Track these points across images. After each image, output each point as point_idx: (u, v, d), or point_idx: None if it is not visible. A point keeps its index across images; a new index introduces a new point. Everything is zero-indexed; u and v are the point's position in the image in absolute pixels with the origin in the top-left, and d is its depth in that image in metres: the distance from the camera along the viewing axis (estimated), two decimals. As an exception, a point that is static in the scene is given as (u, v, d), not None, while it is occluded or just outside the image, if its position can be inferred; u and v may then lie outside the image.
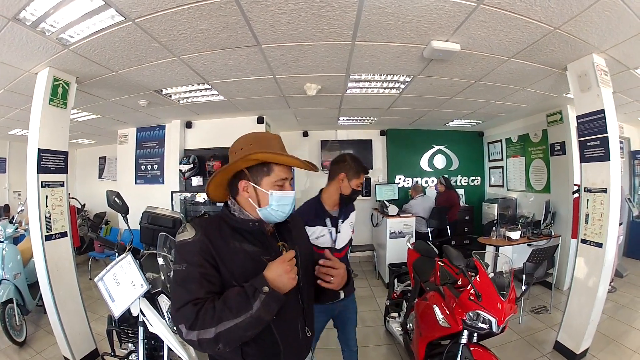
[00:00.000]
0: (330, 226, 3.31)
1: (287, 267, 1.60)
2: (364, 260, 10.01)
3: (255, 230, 1.80)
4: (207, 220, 1.82)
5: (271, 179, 1.82)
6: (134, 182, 8.84)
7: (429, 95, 6.39)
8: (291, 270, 1.62)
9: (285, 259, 1.63)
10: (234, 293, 1.55)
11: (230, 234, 1.77)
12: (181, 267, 1.64)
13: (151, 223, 4.73)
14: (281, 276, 1.58)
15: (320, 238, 3.25)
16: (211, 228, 1.75)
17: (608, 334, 5.07)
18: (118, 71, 4.68)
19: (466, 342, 3.24)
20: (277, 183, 1.82)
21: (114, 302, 3.09)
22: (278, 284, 1.56)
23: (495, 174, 10.51)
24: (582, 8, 3.29)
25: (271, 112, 7.73)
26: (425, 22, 3.56)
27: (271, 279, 1.56)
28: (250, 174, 1.82)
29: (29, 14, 3.22)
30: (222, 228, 1.79)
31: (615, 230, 4.36)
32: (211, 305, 1.51)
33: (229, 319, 1.47)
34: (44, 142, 4.40)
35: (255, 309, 1.48)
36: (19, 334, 5.10)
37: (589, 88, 4.44)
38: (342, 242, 3.41)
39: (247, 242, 1.77)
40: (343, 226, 3.41)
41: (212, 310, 1.49)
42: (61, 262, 4.56)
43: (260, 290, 1.51)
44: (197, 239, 1.68)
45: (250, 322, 1.48)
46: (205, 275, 1.61)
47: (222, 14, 3.31)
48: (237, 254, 1.71)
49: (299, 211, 3.20)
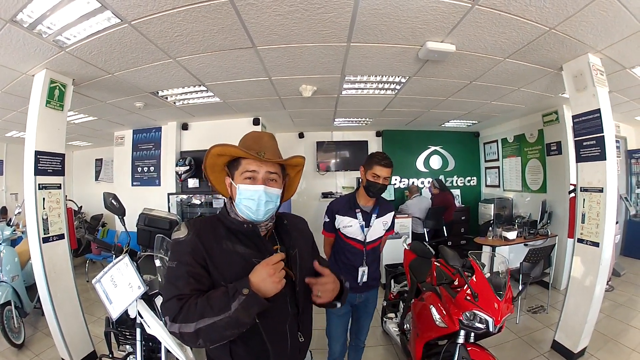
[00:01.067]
0: (361, 219, 3.50)
1: (270, 270, 1.57)
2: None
3: (249, 231, 1.78)
4: (201, 221, 1.83)
5: (239, 172, 1.80)
6: (131, 184, 8.87)
7: (424, 96, 6.40)
8: (275, 274, 1.57)
9: (269, 262, 1.60)
10: (218, 292, 1.56)
11: (224, 234, 1.76)
12: (172, 264, 1.67)
13: (148, 225, 4.72)
14: (265, 280, 1.55)
15: (347, 228, 3.52)
16: (205, 228, 1.76)
17: (606, 333, 5.08)
18: (114, 73, 4.68)
19: (463, 342, 3.25)
20: (244, 176, 1.78)
21: (112, 304, 3.08)
22: (261, 288, 1.54)
23: (492, 174, 10.54)
24: (577, 8, 3.30)
25: (267, 113, 7.72)
26: (420, 23, 3.57)
27: (255, 282, 1.55)
28: (229, 170, 1.85)
29: (26, 16, 3.22)
30: (217, 228, 1.79)
31: (612, 229, 4.37)
32: (194, 302, 1.53)
33: (208, 316, 1.48)
34: (40, 144, 4.39)
35: (232, 309, 1.47)
36: (18, 337, 5.08)
37: (584, 88, 4.45)
38: (371, 237, 3.57)
39: (241, 244, 1.76)
40: (376, 222, 3.56)
41: (195, 306, 1.51)
42: (58, 264, 4.55)
43: (240, 292, 1.50)
44: (189, 239, 1.69)
45: (228, 322, 1.48)
46: (193, 274, 1.63)
47: (217, 16, 3.32)
48: (229, 255, 1.71)
49: (333, 202, 3.71)
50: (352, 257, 3.56)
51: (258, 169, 1.78)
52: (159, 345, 3.28)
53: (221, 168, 1.89)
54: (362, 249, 3.54)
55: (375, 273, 3.73)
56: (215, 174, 1.92)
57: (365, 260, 3.55)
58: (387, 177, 3.41)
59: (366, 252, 3.55)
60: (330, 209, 3.65)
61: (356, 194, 3.63)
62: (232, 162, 1.84)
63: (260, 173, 1.78)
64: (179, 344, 3.11)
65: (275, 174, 1.82)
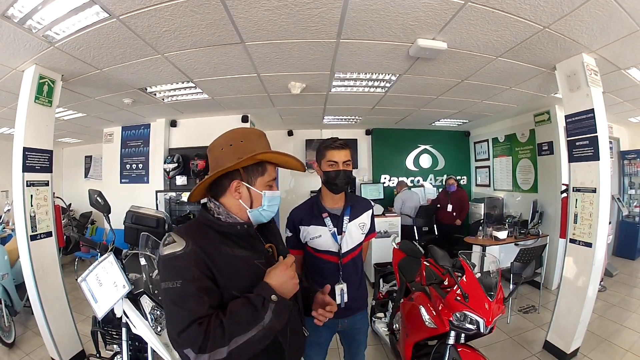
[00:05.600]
0: (331, 226, 2.83)
1: (291, 273, 1.61)
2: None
3: (243, 233, 1.71)
4: (192, 228, 1.68)
5: (265, 179, 1.77)
6: (119, 182, 8.78)
7: (414, 95, 6.40)
8: (294, 276, 1.63)
9: (287, 264, 1.63)
10: (238, 305, 1.46)
11: (219, 240, 1.64)
12: (175, 284, 1.47)
13: (135, 223, 4.71)
14: (286, 283, 1.58)
15: (316, 239, 2.84)
16: (200, 236, 1.61)
17: (599, 333, 5.10)
18: (103, 69, 4.64)
19: (454, 343, 3.23)
20: (269, 183, 1.78)
21: (97, 303, 3.06)
22: (283, 291, 1.55)
23: (482, 174, 10.60)
24: (572, 7, 3.28)
25: (256, 110, 7.71)
26: (411, 20, 3.54)
27: (276, 286, 1.54)
28: (244, 173, 1.74)
29: (16, 11, 3.20)
30: (209, 234, 1.64)
31: (605, 230, 4.38)
32: (218, 322, 1.40)
33: (240, 334, 1.40)
34: (29, 140, 4.36)
35: (267, 319, 1.45)
36: (8, 336, 5.07)
37: (578, 88, 4.44)
38: (348, 246, 2.89)
39: (238, 247, 1.67)
40: (350, 226, 2.88)
41: (221, 328, 1.38)
42: (46, 262, 4.52)
43: (270, 300, 1.48)
44: (190, 250, 1.51)
45: (264, 334, 1.44)
46: (204, 289, 1.47)
47: (205, 11, 3.29)
48: (231, 261, 1.61)
49: (293, 210, 2.98)
50: (329, 275, 2.86)
51: (276, 176, 1.83)
52: (145, 345, 3.24)
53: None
54: (337, 261, 2.86)
55: (360, 292, 3.03)
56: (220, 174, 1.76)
57: (341, 277, 2.87)
58: (348, 161, 2.76)
59: (342, 265, 2.87)
60: (290, 220, 2.95)
61: (319, 196, 2.95)
62: (251, 166, 1.74)
63: (275, 179, 1.83)
64: (165, 344, 3.07)
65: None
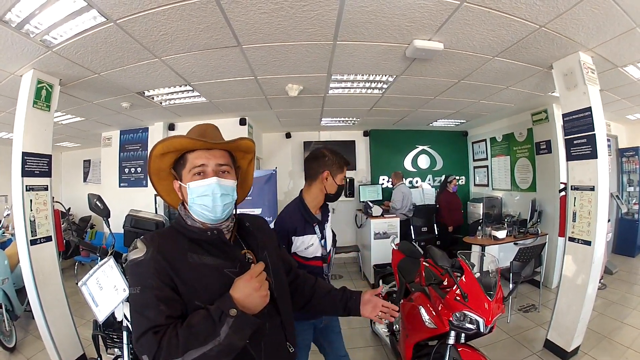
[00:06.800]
0: (319, 233, 2.95)
1: (256, 284, 1.44)
2: (349, 261, 10.04)
3: (214, 239, 1.59)
4: (160, 234, 1.62)
5: (187, 170, 1.61)
6: (118, 185, 8.82)
7: (412, 95, 6.40)
8: (261, 287, 1.46)
9: (252, 274, 1.46)
10: (199, 317, 1.37)
11: (188, 246, 1.55)
12: (135, 290, 1.44)
13: (134, 226, 4.67)
14: (251, 295, 1.42)
15: (309, 248, 2.90)
16: (165, 242, 1.54)
17: (600, 331, 5.10)
18: (100, 73, 4.64)
19: (454, 343, 3.23)
20: (193, 172, 1.59)
21: (98, 307, 3.05)
22: (248, 305, 1.40)
23: (480, 174, 10.61)
24: (569, 5, 3.29)
25: (253, 113, 7.71)
26: (407, 21, 3.55)
27: (239, 299, 1.40)
28: (176, 172, 1.66)
29: (14, 16, 3.20)
30: (178, 240, 1.57)
31: (603, 227, 4.37)
32: (174, 333, 1.33)
33: (195, 348, 1.30)
34: (28, 145, 4.35)
35: (223, 335, 1.32)
36: (9, 340, 5.06)
37: (575, 86, 4.45)
38: (327, 248, 3.03)
39: (208, 255, 1.56)
40: (327, 229, 3.08)
41: (176, 339, 1.32)
42: (46, 266, 4.51)
43: (227, 314, 1.34)
44: (150, 258, 1.46)
45: (220, 351, 1.32)
46: (163, 298, 1.41)
47: (202, 14, 3.29)
48: (198, 269, 1.51)
49: (283, 220, 2.93)
50: None
51: (207, 162, 1.59)
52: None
53: (167, 172, 1.70)
54: (321, 265, 2.97)
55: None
56: (162, 183, 1.74)
57: (328, 277, 3.03)
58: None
59: (327, 266, 3.02)
60: (284, 230, 2.86)
61: (304, 204, 2.97)
62: (178, 161, 1.65)
63: (210, 166, 1.60)
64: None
65: (226, 165, 1.65)
